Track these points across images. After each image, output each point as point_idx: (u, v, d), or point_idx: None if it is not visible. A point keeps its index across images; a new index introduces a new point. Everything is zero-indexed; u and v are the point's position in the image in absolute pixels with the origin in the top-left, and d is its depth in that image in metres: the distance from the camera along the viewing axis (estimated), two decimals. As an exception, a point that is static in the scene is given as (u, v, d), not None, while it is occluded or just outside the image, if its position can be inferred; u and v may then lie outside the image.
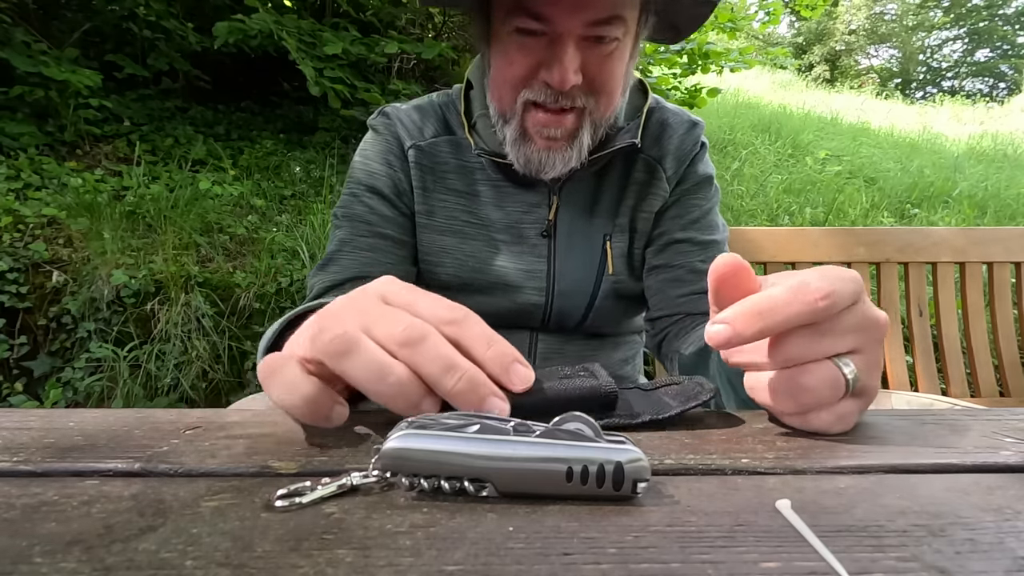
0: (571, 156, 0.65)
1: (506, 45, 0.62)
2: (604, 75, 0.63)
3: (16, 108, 2.52)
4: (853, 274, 0.32)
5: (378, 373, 0.29)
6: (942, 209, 3.58)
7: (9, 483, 0.26)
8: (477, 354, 0.30)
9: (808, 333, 0.31)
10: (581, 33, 0.59)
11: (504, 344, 0.31)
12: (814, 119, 5.81)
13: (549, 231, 0.73)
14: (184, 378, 1.78)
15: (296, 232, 2.27)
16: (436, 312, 0.31)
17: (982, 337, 1.34)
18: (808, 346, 0.31)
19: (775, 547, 0.22)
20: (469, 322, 0.31)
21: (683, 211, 0.75)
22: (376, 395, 0.30)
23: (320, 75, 2.54)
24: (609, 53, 0.62)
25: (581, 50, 0.60)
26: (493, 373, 0.30)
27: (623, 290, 0.76)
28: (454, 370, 0.29)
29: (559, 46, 0.59)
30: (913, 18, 24.23)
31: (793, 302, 0.30)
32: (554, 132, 0.64)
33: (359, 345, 0.30)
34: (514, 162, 0.67)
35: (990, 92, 21.37)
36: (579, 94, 0.62)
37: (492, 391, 0.30)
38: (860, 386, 0.32)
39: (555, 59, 0.59)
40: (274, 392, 0.31)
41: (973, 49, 23.65)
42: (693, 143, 0.75)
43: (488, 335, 0.31)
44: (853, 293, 0.31)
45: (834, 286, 0.30)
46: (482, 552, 0.21)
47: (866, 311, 0.32)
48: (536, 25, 0.59)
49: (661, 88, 3.44)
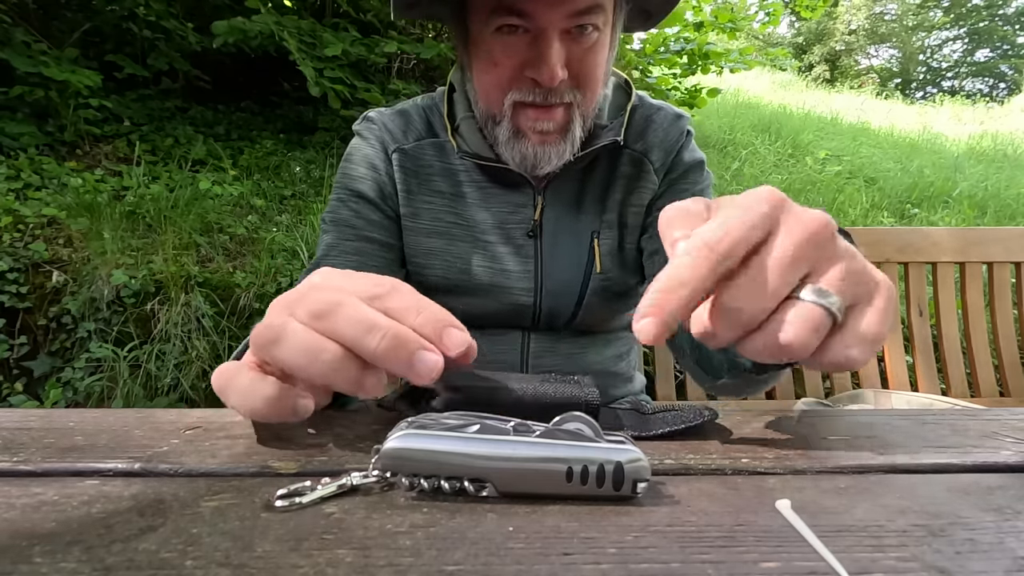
0: (564, 149, 0.66)
1: (489, 47, 0.63)
2: (588, 67, 0.63)
3: (16, 108, 2.52)
4: (763, 192, 0.29)
5: (307, 353, 0.28)
6: (942, 209, 3.58)
7: (9, 483, 0.26)
8: (407, 322, 0.29)
9: (743, 294, 0.27)
10: (563, 26, 0.60)
11: (436, 308, 0.30)
12: (814, 119, 5.81)
13: (535, 231, 0.74)
14: (184, 378, 1.78)
15: (296, 232, 2.27)
16: (359, 286, 0.31)
17: (982, 337, 1.34)
18: (753, 296, 0.27)
19: (775, 547, 0.22)
20: (396, 293, 0.30)
21: (675, 195, 0.74)
22: (312, 377, 0.29)
23: (320, 75, 2.54)
24: (591, 45, 0.62)
25: (564, 44, 0.60)
26: (427, 339, 0.29)
27: (613, 287, 0.76)
28: (375, 329, 0.28)
29: (543, 42, 0.59)
30: (913, 18, 24.23)
31: (695, 265, 0.27)
32: (546, 126, 0.64)
33: (285, 329, 0.29)
34: (509, 161, 0.68)
35: (990, 92, 21.38)
36: (566, 89, 0.63)
37: (420, 344, 0.28)
38: (850, 298, 0.29)
39: (540, 56, 0.60)
40: (232, 399, 0.31)
41: (973, 49, 23.66)
42: (679, 133, 0.76)
43: (417, 302, 0.30)
44: (763, 217, 0.28)
45: (727, 224, 0.27)
46: (482, 552, 0.21)
47: (797, 223, 0.28)
48: (518, 21, 0.59)
49: (661, 88, 3.44)
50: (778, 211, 0.28)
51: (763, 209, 0.28)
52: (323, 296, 0.30)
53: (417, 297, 0.31)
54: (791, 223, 0.28)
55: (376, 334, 0.28)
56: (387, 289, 0.31)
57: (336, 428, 0.34)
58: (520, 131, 0.65)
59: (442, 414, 0.27)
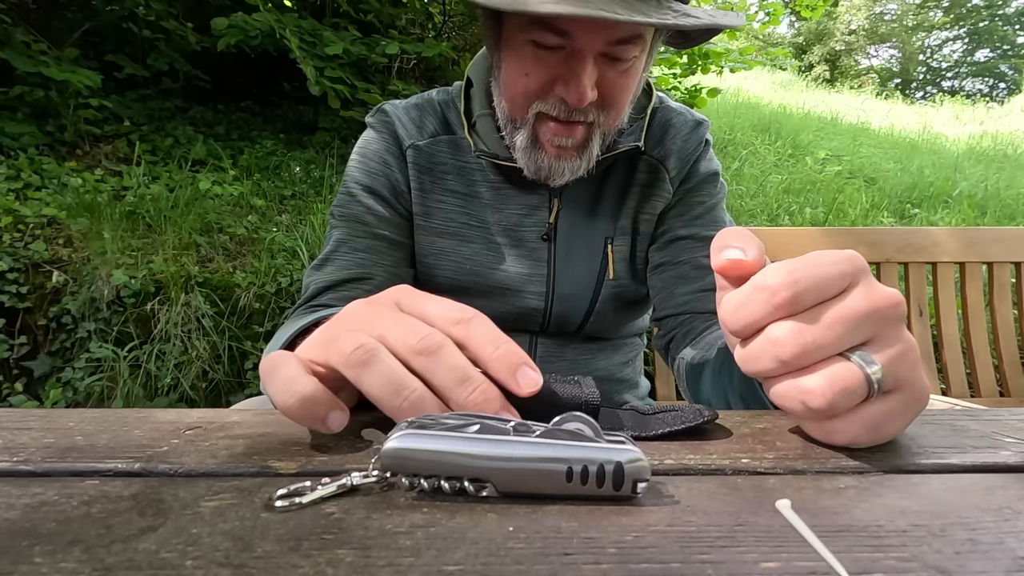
0: (580, 166, 0.65)
1: (521, 54, 0.61)
2: (618, 90, 0.62)
3: (16, 108, 2.52)
4: (846, 254, 0.29)
5: (395, 388, 0.29)
6: (942, 209, 3.58)
7: (9, 483, 0.26)
8: (484, 355, 0.30)
9: (795, 330, 0.28)
10: (600, 50, 0.58)
11: (512, 346, 0.31)
12: (814, 119, 5.81)
13: (549, 234, 0.73)
14: (184, 378, 1.78)
15: (296, 232, 2.27)
16: (446, 313, 0.31)
17: (982, 337, 1.34)
18: (800, 344, 0.27)
19: (775, 547, 0.22)
20: (477, 322, 0.31)
21: (687, 208, 0.74)
22: (389, 409, 0.29)
23: (320, 75, 2.54)
24: (625, 70, 0.61)
25: (598, 67, 0.59)
26: (499, 375, 0.30)
27: (624, 294, 0.75)
28: (468, 383, 0.29)
29: (577, 63, 0.58)
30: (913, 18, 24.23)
31: (748, 303, 0.29)
32: (565, 141, 0.63)
33: (377, 357, 0.29)
34: (524, 168, 0.67)
35: (990, 92, 21.38)
36: (592, 109, 0.61)
37: (503, 406, 0.29)
38: (891, 382, 0.28)
39: (573, 76, 0.58)
40: (271, 388, 0.31)
41: (973, 49, 23.66)
42: (697, 142, 0.74)
43: (495, 336, 0.31)
44: (840, 275, 0.28)
45: (800, 274, 0.28)
46: (482, 552, 0.21)
47: (870, 292, 0.28)
48: (556, 40, 0.58)
49: (661, 88, 3.44)
50: (860, 275, 0.29)
51: (844, 268, 0.28)
52: (420, 330, 0.30)
53: (496, 330, 0.31)
54: (868, 288, 0.29)
55: (469, 387, 0.29)
56: (471, 316, 0.31)
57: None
58: (538, 141, 0.64)
59: (442, 414, 0.27)
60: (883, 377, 0.28)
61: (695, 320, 0.70)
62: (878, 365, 0.28)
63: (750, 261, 0.30)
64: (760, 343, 0.29)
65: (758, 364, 0.29)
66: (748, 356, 0.30)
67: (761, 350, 0.29)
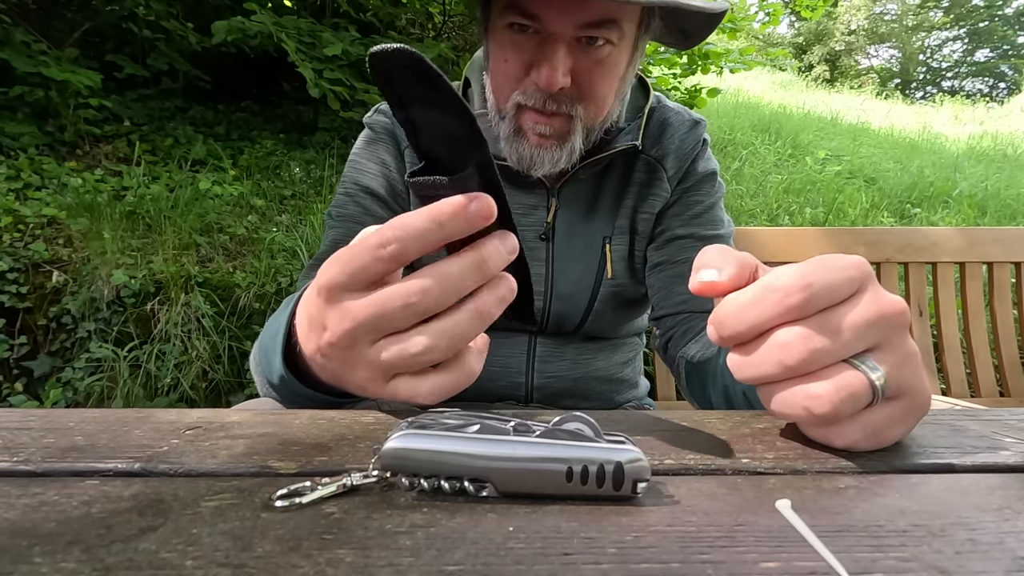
0: (560, 157, 0.65)
1: (501, 40, 0.62)
2: (594, 81, 0.62)
3: (16, 108, 2.52)
4: (853, 260, 0.29)
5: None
6: (942, 209, 3.58)
7: (9, 483, 0.26)
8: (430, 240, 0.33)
9: (803, 335, 0.27)
10: (573, 35, 0.59)
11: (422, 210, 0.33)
12: (814, 119, 5.81)
13: (547, 234, 0.73)
14: (184, 378, 1.78)
15: (296, 232, 2.27)
16: (366, 252, 0.33)
17: (982, 337, 1.34)
18: (809, 349, 0.27)
19: (775, 547, 0.22)
20: (393, 234, 0.33)
21: (685, 208, 0.74)
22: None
23: (319, 76, 2.54)
24: (602, 59, 0.61)
25: (573, 53, 0.59)
26: (458, 232, 0.32)
27: (623, 294, 0.75)
28: (473, 271, 0.35)
29: (549, 46, 0.59)
30: (913, 18, 24.23)
31: (759, 303, 0.28)
32: (545, 130, 0.63)
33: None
34: (508, 158, 0.67)
35: (990, 92, 21.39)
36: (566, 100, 0.61)
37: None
38: (894, 388, 0.28)
39: (544, 59, 0.59)
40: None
41: (973, 49, 23.66)
42: (695, 142, 0.74)
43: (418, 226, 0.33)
44: (849, 281, 0.28)
45: (813, 277, 0.27)
46: (482, 552, 0.21)
47: (877, 299, 0.28)
48: (528, 22, 0.59)
49: (661, 88, 3.44)
50: (867, 281, 0.29)
51: (852, 274, 0.28)
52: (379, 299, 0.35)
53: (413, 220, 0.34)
54: (875, 295, 0.28)
55: (473, 272, 0.36)
56: (385, 236, 0.34)
57: (336, 428, 0.34)
58: (521, 130, 0.65)
59: (442, 414, 0.27)
60: (887, 384, 0.28)
61: (693, 319, 0.71)
62: (882, 371, 0.28)
63: (724, 283, 0.30)
64: (764, 347, 0.28)
65: (759, 369, 0.29)
66: (748, 361, 0.29)
67: (766, 354, 0.28)
